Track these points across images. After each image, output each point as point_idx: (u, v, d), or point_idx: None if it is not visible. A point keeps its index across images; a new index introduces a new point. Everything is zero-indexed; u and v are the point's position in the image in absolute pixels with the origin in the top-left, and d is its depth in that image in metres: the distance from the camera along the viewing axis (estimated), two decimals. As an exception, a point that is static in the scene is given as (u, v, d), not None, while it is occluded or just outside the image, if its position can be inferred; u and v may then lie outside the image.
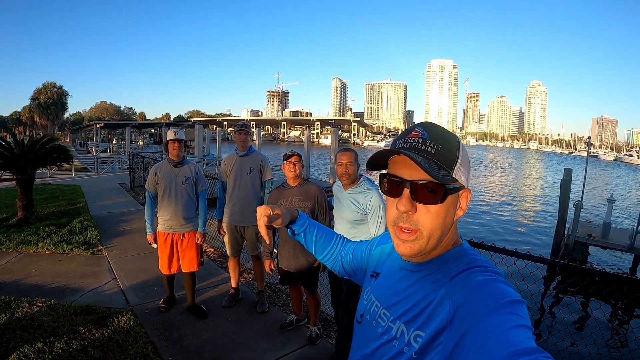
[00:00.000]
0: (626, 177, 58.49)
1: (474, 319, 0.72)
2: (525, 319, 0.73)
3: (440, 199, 0.85)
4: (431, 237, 0.87)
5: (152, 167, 4.32)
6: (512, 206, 24.75)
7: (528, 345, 0.65)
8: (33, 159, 8.30)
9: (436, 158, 0.85)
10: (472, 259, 0.90)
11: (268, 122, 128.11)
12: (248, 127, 4.45)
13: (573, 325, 7.60)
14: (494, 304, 0.73)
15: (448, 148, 0.87)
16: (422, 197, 0.86)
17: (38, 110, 73.99)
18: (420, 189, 0.85)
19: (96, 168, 20.77)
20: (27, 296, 4.48)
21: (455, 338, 0.73)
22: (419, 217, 0.87)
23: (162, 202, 4.18)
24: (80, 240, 6.83)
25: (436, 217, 0.86)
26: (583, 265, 3.04)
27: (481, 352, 0.67)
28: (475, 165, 61.19)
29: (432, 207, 0.86)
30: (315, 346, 3.81)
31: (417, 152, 0.85)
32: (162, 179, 4.17)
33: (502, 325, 0.69)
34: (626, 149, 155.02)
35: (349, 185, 3.22)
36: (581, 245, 11.98)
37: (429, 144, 0.86)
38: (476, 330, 0.70)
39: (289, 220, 1.31)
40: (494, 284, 0.80)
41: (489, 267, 0.86)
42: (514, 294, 0.77)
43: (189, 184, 4.23)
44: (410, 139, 0.88)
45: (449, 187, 0.85)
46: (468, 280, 0.82)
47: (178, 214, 4.15)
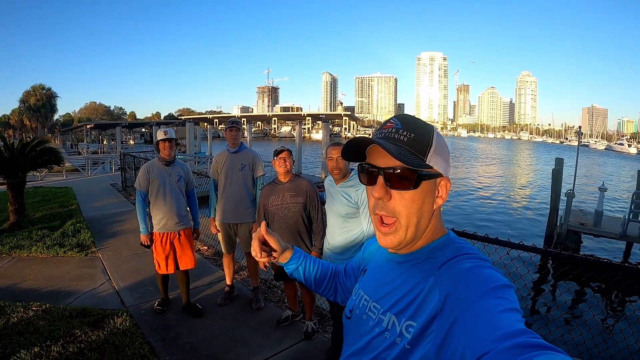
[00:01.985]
0: (617, 165, 58.93)
1: (463, 305, 0.74)
2: (514, 302, 0.75)
3: (413, 184, 0.88)
4: (409, 225, 0.90)
5: (143, 166, 4.28)
6: (503, 196, 24.84)
7: (517, 327, 0.67)
8: (24, 162, 8.25)
9: (408, 145, 0.87)
10: (458, 247, 0.91)
11: (259, 118, 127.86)
12: (238, 124, 4.45)
13: (567, 314, 7.68)
14: (482, 290, 0.75)
15: (420, 136, 0.89)
16: (396, 184, 0.88)
17: (27, 113, 73.10)
18: (393, 176, 0.88)
19: (87, 169, 20.67)
20: (22, 300, 4.46)
21: (446, 325, 0.74)
22: (395, 204, 0.90)
23: (155, 201, 4.16)
24: (74, 243, 6.80)
25: (411, 204, 0.89)
26: (575, 254, 3.08)
27: (471, 337, 0.68)
28: (467, 157, 61.46)
29: (407, 194, 0.88)
30: (312, 341, 3.83)
31: (390, 141, 0.88)
32: (156, 178, 4.14)
33: (491, 310, 0.71)
34: (617, 138, 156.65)
35: (340, 179, 3.23)
36: (574, 234, 12.05)
37: (401, 133, 0.89)
38: (466, 316, 0.72)
39: (284, 249, 1.29)
40: (481, 269, 0.81)
41: (475, 254, 0.88)
42: (501, 278, 0.79)
43: (182, 183, 4.24)
44: (385, 129, 0.92)
45: (421, 172, 0.88)
46: (455, 267, 0.84)
47: (173, 213, 4.14)
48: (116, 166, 20.62)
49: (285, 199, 3.62)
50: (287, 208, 3.61)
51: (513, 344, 0.62)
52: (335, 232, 3.25)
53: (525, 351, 0.60)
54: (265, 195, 3.74)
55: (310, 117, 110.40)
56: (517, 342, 0.62)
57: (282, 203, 3.62)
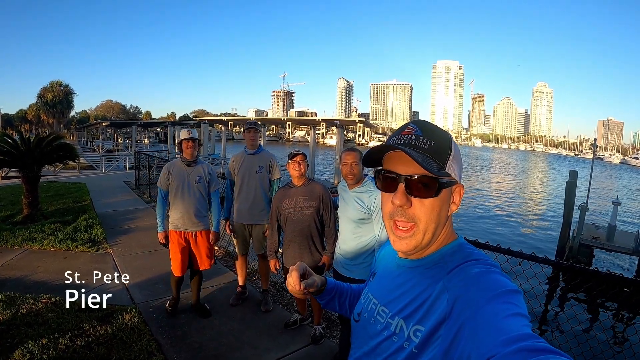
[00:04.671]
0: (632, 179, 58.23)
1: (471, 309, 0.74)
2: (521, 307, 0.74)
3: (434, 192, 0.88)
4: (427, 230, 0.90)
5: (165, 165, 4.31)
6: (517, 208, 24.71)
7: (523, 331, 0.67)
8: (39, 156, 8.36)
9: (429, 153, 0.88)
10: (467, 252, 0.92)
11: (273, 122, 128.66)
12: (257, 126, 4.46)
13: (578, 327, 7.58)
14: (490, 294, 0.75)
15: (440, 144, 0.89)
16: (417, 191, 0.88)
17: (44, 109, 74.14)
18: (414, 183, 0.88)
19: (102, 166, 20.88)
20: (31, 293, 4.50)
21: (454, 329, 0.75)
22: (415, 211, 0.89)
23: (174, 200, 4.18)
24: (86, 238, 6.87)
25: (431, 211, 0.89)
26: (587, 267, 3.04)
27: (478, 340, 0.68)
28: (481, 166, 61.09)
29: (427, 201, 0.89)
30: (319, 345, 3.81)
31: (411, 147, 0.88)
32: (175, 177, 4.16)
33: (498, 314, 0.71)
34: (632, 151, 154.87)
35: (353, 184, 3.22)
36: (586, 248, 11.95)
37: (422, 140, 0.89)
38: (473, 320, 0.72)
39: (320, 284, 1.22)
40: (489, 275, 0.82)
41: (485, 260, 0.88)
42: (509, 284, 0.79)
43: (201, 184, 4.21)
44: (404, 135, 0.91)
45: (442, 180, 0.88)
46: (464, 272, 0.84)
47: (190, 213, 4.14)
48: (130, 164, 20.82)
49: (299, 203, 3.61)
50: (300, 212, 3.61)
51: (518, 347, 0.62)
52: (347, 237, 3.24)
53: (530, 355, 0.60)
54: (278, 198, 3.74)
55: (324, 122, 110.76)
56: (523, 346, 0.62)
57: (296, 206, 3.62)
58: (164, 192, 4.22)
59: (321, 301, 1.30)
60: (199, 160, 4.31)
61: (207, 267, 4.31)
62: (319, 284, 1.20)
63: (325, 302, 1.30)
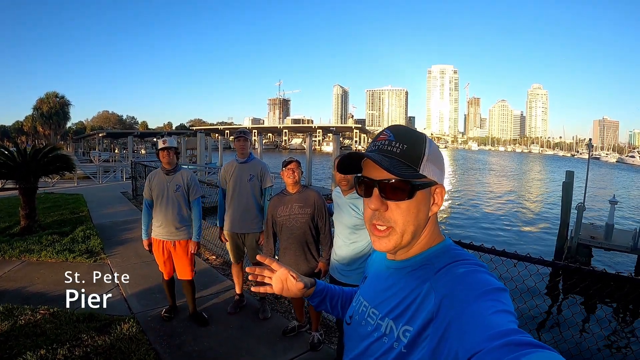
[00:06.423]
0: (628, 178, 58.36)
1: (458, 308, 0.76)
2: (507, 305, 0.76)
3: (407, 194, 0.90)
4: (405, 232, 0.92)
5: (148, 175, 4.38)
6: (514, 209, 24.72)
7: (509, 327, 0.68)
8: (35, 168, 8.37)
9: (400, 157, 0.90)
10: (455, 253, 0.93)
11: (270, 130, 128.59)
12: (247, 134, 4.47)
13: (575, 327, 7.59)
14: (476, 293, 0.77)
15: (413, 146, 0.91)
16: (391, 195, 0.90)
17: (40, 120, 74.18)
18: (387, 187, 0.90)
19: (99, 177, 20.87)
20: (29, 304, 4.50)
21: (441, 328, 0.76)
22: (391, 214, 0.91)
23: (155, 209, 4.22)
24: (83, 249, 6.86)
25: (407, 213, 0.91)
26: (583, 267, 3.06)
27: (464, 337, 0.70)
28: (478, 169, 61.20)
29: (402, 204, 0.90)
30: (318, 352, 3.81)
31: (382, 153, 0.91)
32: (155, 186, 4.21)
33: (484, 312, 0.72)
34: (628, 150, 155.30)
35: (348, 191, 3.24)
36: (584, 248, 11.96)
37: (394, 145, 0.91)
38: (459, 318, 0.74)
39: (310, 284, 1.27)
40: (475, 274, 0.83)
41: (471, 260, 0.90)
42: (495, 282, 0.81)
43: (180, 193, 4.21)
44: (379, 142, 0.94)
45: (415, 183, 0.89)
46: (451, 272, 0.86)
47: (169, 222, 4.17)
48: (127, 175, 20.76)
49: (294, 210, 3.63)
50: (295, 219, 3.63)
51: (504, 342, 0.64)
52: (342, 243, 3.25)
53: (516, 349, 0.62)
54: (273, 206, 3.76)
55: (321, 130, 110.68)
56: (508, 340, 0.64)
57: (291, 214, 3.64)
58: (149, 202, 4.28)
59: (312, 302, 1.33)
60: (179, 168, 4.33)
61: (188, 277, 4.29)
62: (308, 285, 1.25)
63: (316, 303, 1.33)
